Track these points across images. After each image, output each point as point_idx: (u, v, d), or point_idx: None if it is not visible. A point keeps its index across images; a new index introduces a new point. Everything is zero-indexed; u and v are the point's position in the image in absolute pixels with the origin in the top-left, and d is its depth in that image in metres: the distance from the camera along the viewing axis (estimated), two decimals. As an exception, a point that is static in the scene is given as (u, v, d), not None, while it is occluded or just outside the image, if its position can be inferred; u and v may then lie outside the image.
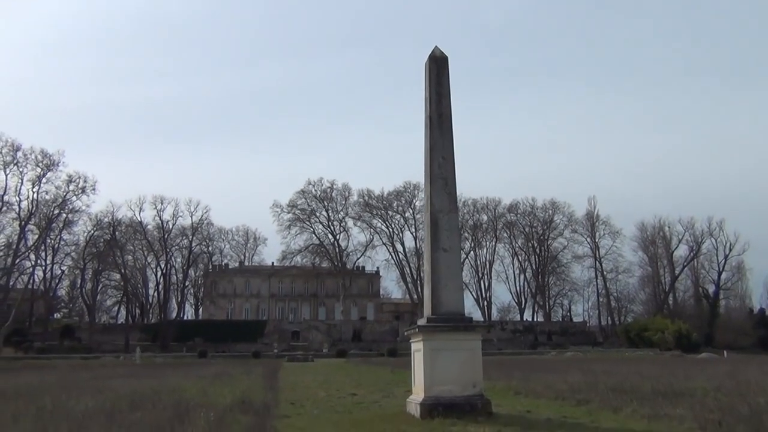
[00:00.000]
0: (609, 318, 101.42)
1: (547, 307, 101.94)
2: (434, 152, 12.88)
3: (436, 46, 13.49)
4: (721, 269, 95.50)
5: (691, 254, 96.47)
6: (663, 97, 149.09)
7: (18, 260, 74.60)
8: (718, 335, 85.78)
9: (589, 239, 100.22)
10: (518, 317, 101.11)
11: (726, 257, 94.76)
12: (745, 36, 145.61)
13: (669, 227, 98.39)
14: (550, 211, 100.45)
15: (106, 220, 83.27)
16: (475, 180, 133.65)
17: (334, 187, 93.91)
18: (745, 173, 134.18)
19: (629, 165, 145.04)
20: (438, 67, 13.32)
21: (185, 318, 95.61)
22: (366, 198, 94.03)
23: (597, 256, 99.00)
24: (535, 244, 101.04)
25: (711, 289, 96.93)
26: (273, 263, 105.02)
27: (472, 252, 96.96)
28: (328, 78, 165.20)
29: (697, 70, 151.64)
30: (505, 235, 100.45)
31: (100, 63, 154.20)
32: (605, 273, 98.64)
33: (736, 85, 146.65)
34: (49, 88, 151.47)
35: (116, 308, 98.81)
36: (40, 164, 73.92)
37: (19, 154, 72.77)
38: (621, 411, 11.96)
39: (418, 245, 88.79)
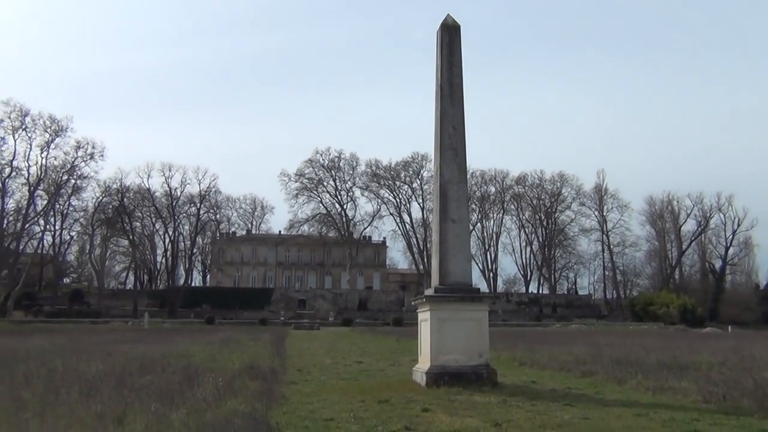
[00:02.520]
0: (614, 291, 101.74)
1: (553, 279, 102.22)
2: (445, 122, 12.77)
3: (448, 14, 13.29)
4: (728, 244, 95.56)
5: (699, 229, 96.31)
6: (674, 70, 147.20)
7: (27, 225, 75.21)
8: (723, 310, 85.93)
9: (596, 212, 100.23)
10: (524, 289, 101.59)
11: (734, 232, 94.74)
12: (757, 8, 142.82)
13: (678, 202, 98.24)
14: (558, 184, 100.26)
15: (114, 186, 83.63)
16: (483, 151, 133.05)
17: (342, 156, 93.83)
18: (757, 149, 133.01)
19: (639, 138, 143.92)
20: (450, 35, 13.13)
21: (193, 285, 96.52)
22: (374, 168, 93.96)
23: (604, 229, 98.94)
24: (542, 217, 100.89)
25: (717, 264, 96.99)
26: (280, 232, 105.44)
27: (479, 224, 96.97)
28: (339, 46, 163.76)
29: (709, 42, 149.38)
30: (512, 207, 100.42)
31: (109, 28, 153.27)
32: (612, 246, 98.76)
33: (748, 59, 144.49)
34: (57, 53, 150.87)
35: (125, 274, 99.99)
36: (49, 129, 74.16)
37: (28, 119, 73.00)
38: (625, 383, 12.01)
39: (425, 216, 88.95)
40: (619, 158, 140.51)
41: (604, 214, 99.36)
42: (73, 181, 77.92)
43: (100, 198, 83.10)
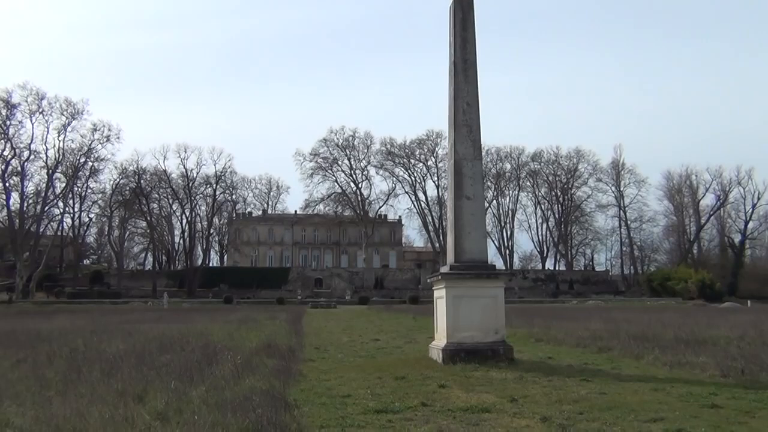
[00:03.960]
0: (632, 267, 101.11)
1: (570, 256, 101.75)
2: (458, 99, 12.66)
3: (461, -11, 13.10)
4: (748, 218, 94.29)
5: (718, 203, 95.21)
6: (692, 42, 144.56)
7: (47, 208, 76.16)
8: (742, 285, 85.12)
9: (613, 188, 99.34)
10: (540, 266, 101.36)
11: (754, 206, 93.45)
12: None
13: (696, 176, 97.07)
14: (575, 160, 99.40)
15: (131, 168, 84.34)
16: (499, 128, 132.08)
17: (356, 135, 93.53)
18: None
19: (657, 112, 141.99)
20: (463, 10, 12.96)
21: (210, 265, 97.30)
22: (388, 146, 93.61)
23: (621, 205, 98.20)
24: (559, 193, 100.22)
25: (737, 238, 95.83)
26: (296, 211, 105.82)
27: (494, 201, 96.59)
28: (352, 23, 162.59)
29: (727, 14, 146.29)
30: (528, 183, 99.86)
31: (123, 9, 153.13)
32: (629, 222, 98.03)
33: (766, 29, 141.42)
34: (72, 35, 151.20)
35: (143, 255, 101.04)
36: (65, 113, 74.81)
37: (44, 102, 73.67)
38: (643, 358, 11.97)
39: (440, 194, 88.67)
40: (636, 133, 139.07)
41: (621, 189, 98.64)
42: (90, 163, 78.81)
43: (118, 180, 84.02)
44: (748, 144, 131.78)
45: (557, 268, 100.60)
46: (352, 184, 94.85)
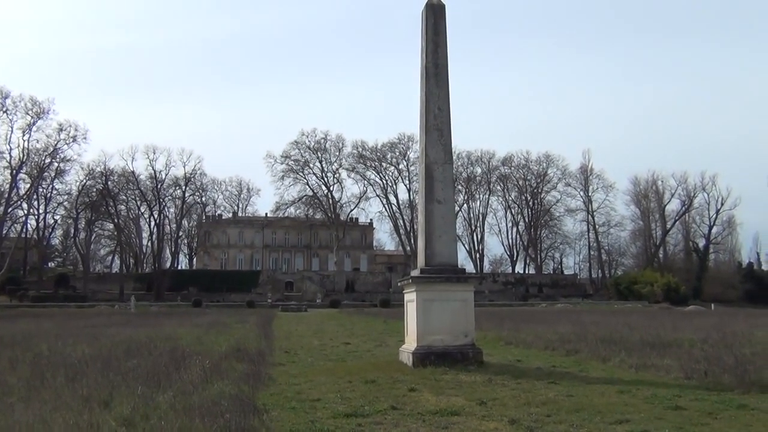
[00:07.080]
0: (599, 271, 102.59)
1: (539, 259, 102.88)
2: (430, 103, 12.75)
3: (433, -6, 13.20)
4: (711, 223, 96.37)
5: (683, 208, 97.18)
6: (658, 50, 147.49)
7: (10, 209, 74.37)
8: (706, 288, 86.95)
9: (582, 193, 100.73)
10: (510, 269, 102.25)
11: (717, 211, 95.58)
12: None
13: (662, 181, 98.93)
14: (544, 165, 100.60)
15: (98, 169, 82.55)
16: (470, 132, 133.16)
17: (328, 138, 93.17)
18: (740, 127, 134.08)
19: (625, 119, 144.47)
20: (435, 15, 13.06)
21: (179, 268, 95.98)
22: (360, 149, 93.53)
23: (589, 209, 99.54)
24: (528, 198, 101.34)
25: (701, 243, 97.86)
26: (267, 214, 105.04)
27: (465, 204, 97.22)
28: (323, 26, 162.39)
29: (692, 22, 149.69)
30: (498, 188, 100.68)
31: (91, 8, 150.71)
32: (597, 226, 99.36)
33: (731, 38, 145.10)
34: (37, 33, 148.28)
35: (110, 258, 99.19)
36: (30, 112, 73.15)
37: (8, 101, 72.02)
38: (609, 361, 12.19)
39: (411, 197, 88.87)
40: (604, 138, 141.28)
41: (590, 194, 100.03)
42: (56, 164, 77.06)
43: (84, 181, 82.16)
44: (713, 151, 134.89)
45: (527, 272, 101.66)
46: (324, 187, 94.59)
